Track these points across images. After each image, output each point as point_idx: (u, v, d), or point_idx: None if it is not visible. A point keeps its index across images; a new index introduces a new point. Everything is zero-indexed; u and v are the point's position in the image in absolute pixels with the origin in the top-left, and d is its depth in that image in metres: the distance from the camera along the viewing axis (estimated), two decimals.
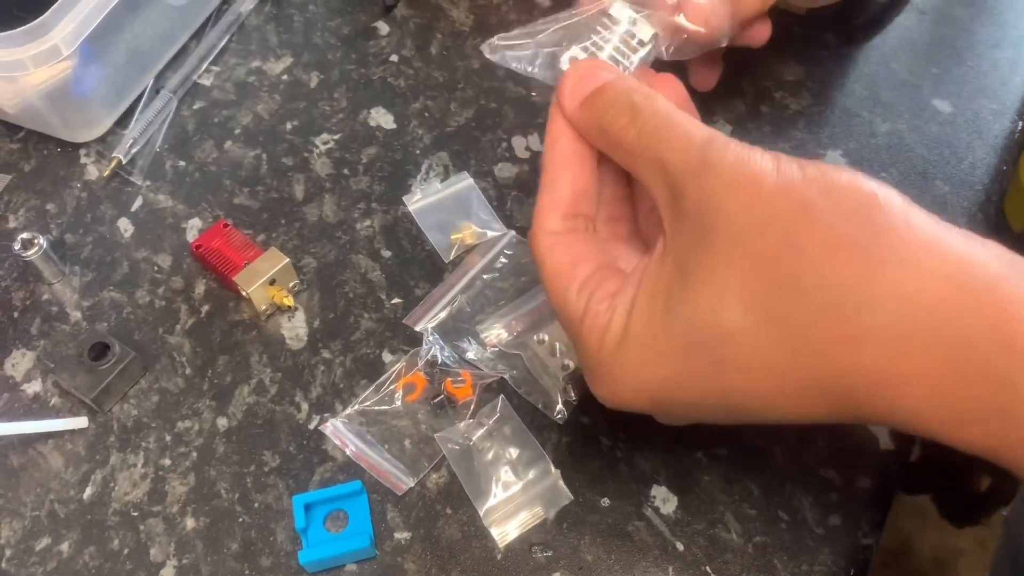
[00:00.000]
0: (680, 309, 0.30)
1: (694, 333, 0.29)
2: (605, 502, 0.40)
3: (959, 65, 0.53)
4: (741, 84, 0.52)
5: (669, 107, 0.33)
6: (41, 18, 0.45)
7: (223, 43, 0.56)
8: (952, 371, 0.26)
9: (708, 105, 0.51)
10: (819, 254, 0.27)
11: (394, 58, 0.55)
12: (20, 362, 0.44)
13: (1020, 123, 0.50)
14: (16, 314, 0.46)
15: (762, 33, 0.44)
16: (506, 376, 0.42)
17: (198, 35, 0.56)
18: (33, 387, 0.44)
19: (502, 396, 0.42)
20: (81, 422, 0.42)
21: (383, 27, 0.56)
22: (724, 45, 0.42)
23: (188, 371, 0.44)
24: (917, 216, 0.28)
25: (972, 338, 0.26)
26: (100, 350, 0.43)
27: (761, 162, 0.29)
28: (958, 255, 0.27)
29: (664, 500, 0.40)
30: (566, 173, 0.35)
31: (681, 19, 0.39)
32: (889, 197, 0.28)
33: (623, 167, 0.34)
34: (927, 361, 0.26)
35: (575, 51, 0.39)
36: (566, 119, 0.35)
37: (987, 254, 0.27)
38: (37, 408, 0.43)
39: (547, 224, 0.35)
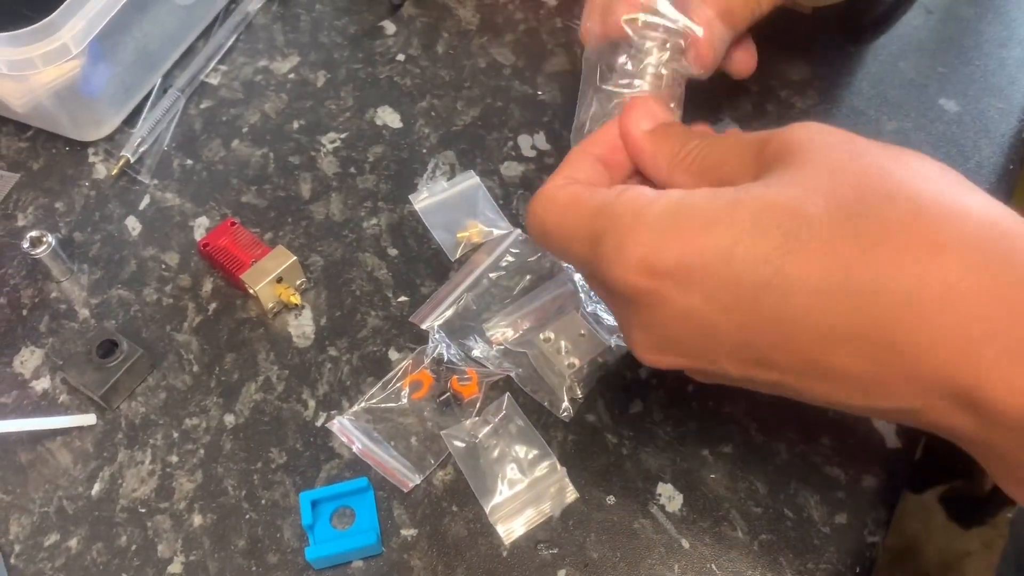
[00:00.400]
0: (756, 192, 0.29)
1: (770, 213, 0.28)
2: (611, 500, 0.40)
3: (966, 64, 0.52)
4: (747, 83, 0.52)
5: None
6: (50, 17, 0.45)
7: (230, 42, 0.56)
8: (1020, 300, 0.26)
9: (714, 103, 0.51)
10: (907, 177, 0.28)
11: (401, 57, 0.55)
12: (29, 359, 0.45)
13: None
14: (25, 312, 0.46)
15: (748, 63, 0.45)
16: (512, 374, 0.42)
17: (206, 34, 0.56)
18: (42, 384, 0.44)
19: (508, 394, 0.42)
20: (89, 419, 0.42)
21: (390, 26, 0.56)
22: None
23: (195, 368, 0.44)
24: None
25: None
26: (108, 347, 0.43)
27: (846, 135, 0.31)
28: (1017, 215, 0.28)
29: (670, 498, 0.40)
30: (587, 161, 0.36)
31: (684, 65, 0.40)
32: (959, 174, 0.30)
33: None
34: (999, 277, 0.26)
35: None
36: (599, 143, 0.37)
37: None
38: (45, 405, 0.43)
39: (555, 182, 0.35)
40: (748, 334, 0.29)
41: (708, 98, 0.50)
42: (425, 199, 0.49)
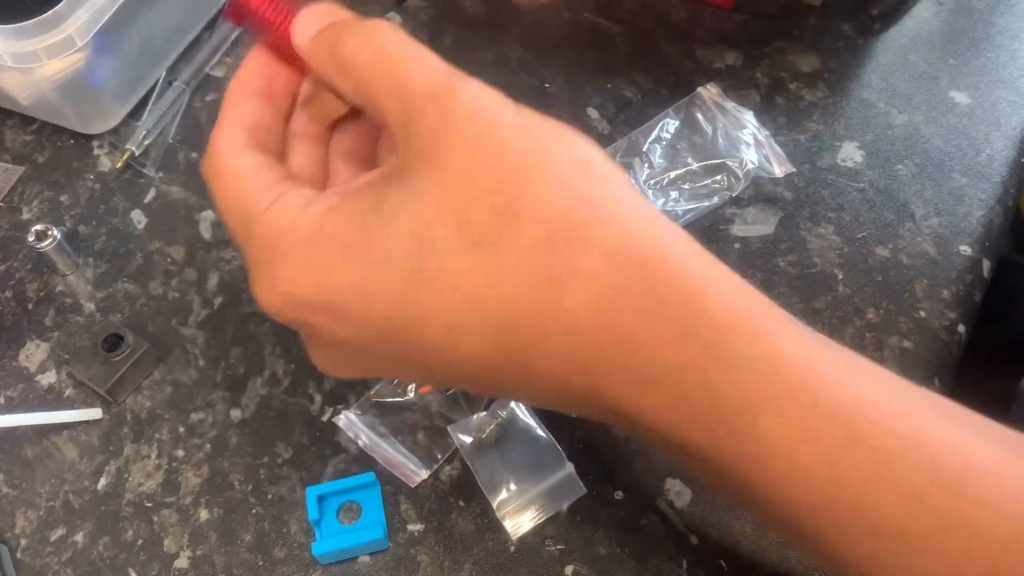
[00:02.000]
0: (391, 215, 0.27)
1: (400, 242, 0.27)
2: (619, 495, 0.39)
3: (977, 56, 0.52)
4: (756, 75, 0.52)
5: (408, 37, 0.30)
6: (54, 9, 0.45)
7: (235, 34, 0.55)
8: (644, 326, 0.26)
9: (725, 96, 0.50)
10: (545, 191, 0.27)
11: None
12: (34, 353, 0.45)
13: None
14: (30, 305, 0.46)
15: None
16: None
17: (210, 26, 0.56)
18: (47, 378, 0.44)
19: None
20: (95, 413, 0.42)
21: (396, 17, 0.56)
22: None
23: (201, 363, 0.44)
24: (630, 184, 0.29)
25: (665, 296, 0.26)
26: (114, 341, 0.43)
27: (501, 99, 0.28)
28: (663, 221, 0.28)
29: (678, 493, 0.39)
30: (249, 105, 0.32)
31: None
32: (608, 163, 0.29)
33: (348, 96, 0.31)
34: (621, 311, 0.26)
35: None
36: (258, 62, 0.33)
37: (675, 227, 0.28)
38: (51, 399, 0.43)
39: (227, 140, 0.31)
40: (405, 358, 0.29)
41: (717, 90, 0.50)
42: None
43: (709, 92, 0.50)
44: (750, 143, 0.48)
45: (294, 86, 0.34)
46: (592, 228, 0.27)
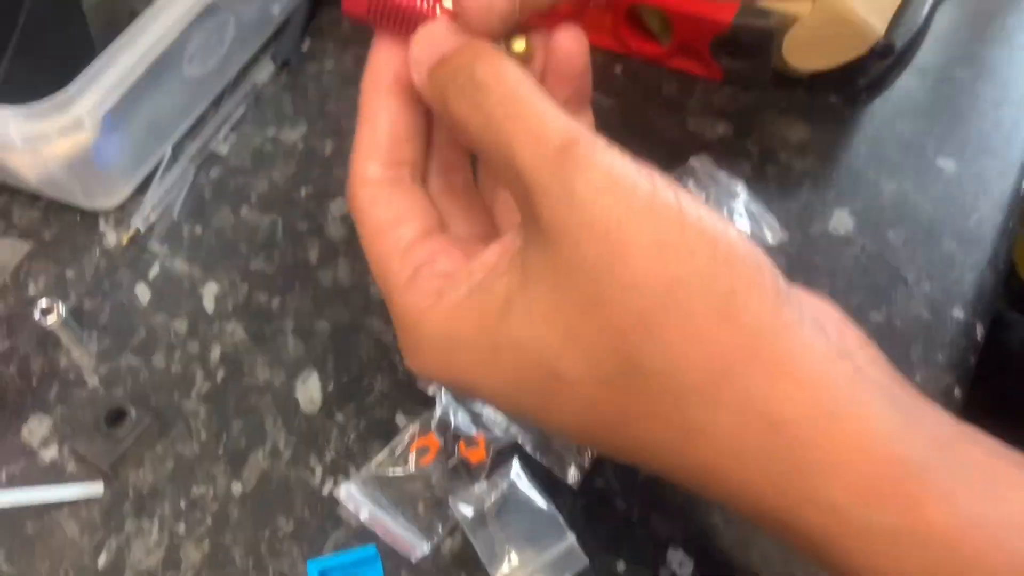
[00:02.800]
0: (519, 335, 0.27)
1: (529, 367, 0.27)
2: (621, 566, 0.39)
3: (962, 125, 0.53)
4: (747, 145, 0.53)
5: (523, 86, 0.27)
6: (66, 91, 0.46)
7: (240, 112, 0.57)
8: (776, 489, 0.25)
9: (716, 165, 0.52)
10: (676, 341, 0.25)
11: None
12: (37, 428, 0.45)
13: None
14: (34, 381, 0.46)
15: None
16: (520, 439, 0.42)
17: (215, 105, 0.57)
18: (50, 453, 0.44)
19: (516, 459, 0.42)
20: (97, 488, 0.42)
21: None
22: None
23: (203, 436, 0.44)
24: (791, 312, 0.25)
25: (802, 462, 0.24)
26: (117, 416, 0.43)
27: (634, 189, 0.25)
28: (807, 374, 0.25)
29: (681, 563, 0.39)
30: (385, 112, 0.31)
31: None
32: (766, 288, 0.25)
33: (474, 152, 0.30)
34: (752, 471, 0.25)
35: None
36: (388, 52, 0.31)
37: (846, 372, 0.25)
38: (53, 475, 0.43)
39: (364, 171, 0.31)
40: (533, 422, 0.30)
41: (708, 162, 0.51)
42: None
43: (701, 163, 0.51)
44: (743, 212, 0.49)
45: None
46: (726, 387, 0.25)
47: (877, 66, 0.55)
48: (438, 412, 0.43)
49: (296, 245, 0.51)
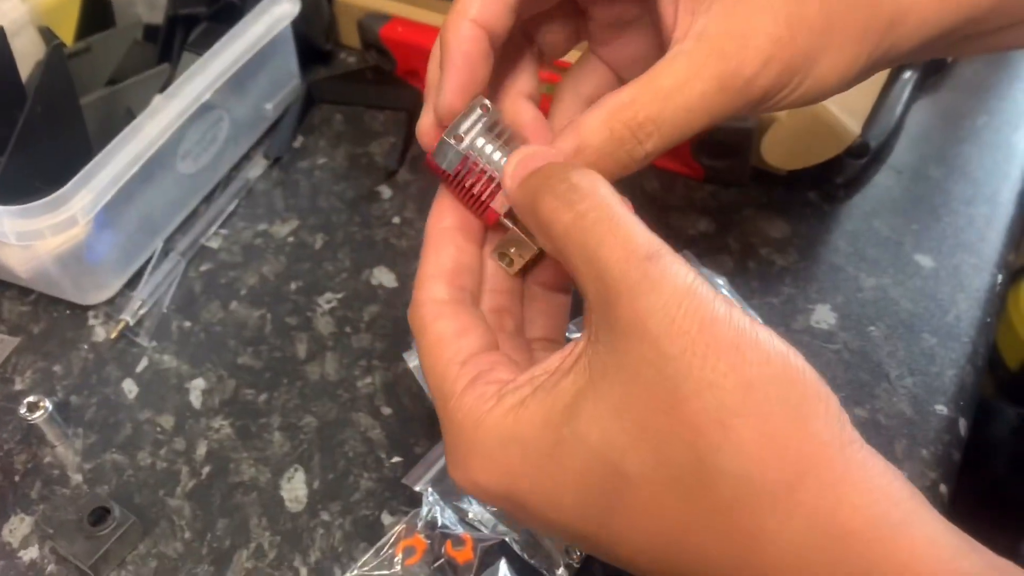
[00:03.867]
0: (584, 433, 0.27)
1: (595, 467, 0.27)
2: None
3: (937, 221, 0.55)
4: (728, 240, 0.54)
5: (614, 200, 0.28)
6: (61, 191, 0.47)
7: (231, 207, 0.58)
8: None
9: (699, 262, 0.53)
10: (749, 442, 0.25)
11: (396, 220, 0.57)
12: (18, 528, 0.44)
13: (1000, 275, 0.52)
14: (17, 478, 0.46)
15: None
16: (507, 538, 0.42)
17: (208, 200, 0.58)
18: (30, 554, 0.43)
19: (503, 559, 0.41)
20: None
21: (386, 191, 0.59)
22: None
23: (187, 535, 0.44)
24: (851, 430, 0.26)
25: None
26: (100, 515, 0.43)
27: (706, 303, 0.26)
28: (876, 485, 0.25)
29: None
30: (451, 243, 0.34)
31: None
32: (832, 406, 0.26)
33: (549, 252, 0.31)
34: None
35: None
36: (452, 197, 0.34)
37: (906, 488, 0.26)
38: None
39: (431, 291, 0.33)
40: (584, 546, 0.30)
41: (690, 257, 0.52)
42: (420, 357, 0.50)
43: (684, 258, 0.52)
44: None
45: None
46: (796, 494, 0.25)
47: (853, 165, 0.56)
48: (424, 511, 0.43)
49: (284, 340, 0.51)
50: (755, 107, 0.33)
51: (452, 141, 0.32)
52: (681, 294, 0.26)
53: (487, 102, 0.33)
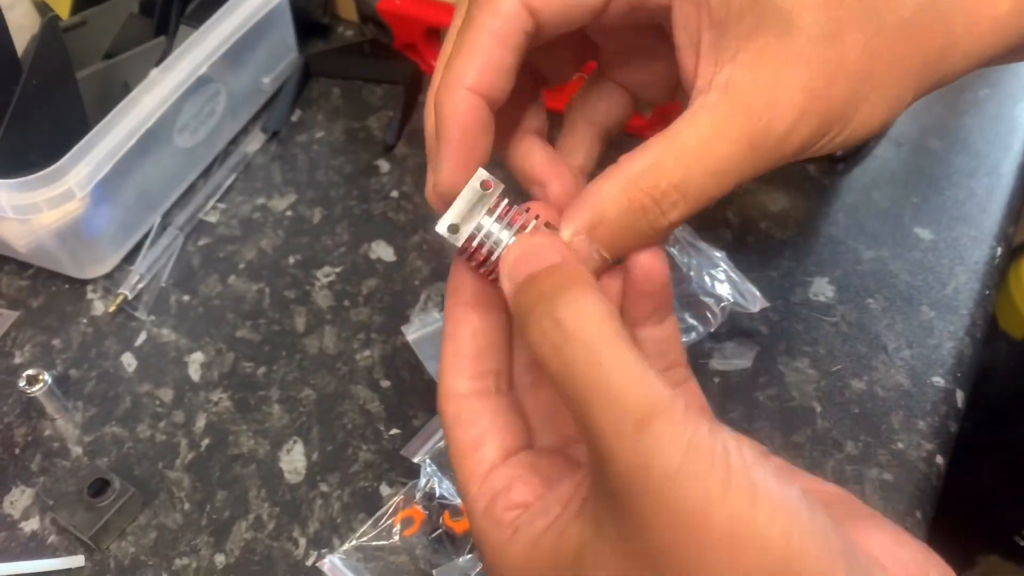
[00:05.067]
0: (591, 561, 0.27)
1: None
2: None
3: (938, 194, 0.55)
4: (727, 215, 0.54)
5: (606, 335, 0.26)
6: (57, 164, 0.47)
7: (229, 181, 0.58)
8: None
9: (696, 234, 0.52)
10: None
11: (394, 194, 0.57)
12: (19, 499, 0.45)
13: (999, 248, 0.52)
14: (17, 451, 0.46)
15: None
16: None
17: (205, 174, 0.58)
18: (31, 525, 0.44)
19: None
20: (77, 561, 0.42)
21: (384, 165, 0.59)
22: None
23: (187, 506, 0.44)
24: None
25: None
26: (100, 486, 0.43)
27: (708, 478, 0.24)
28: None
29: None
30: (467, 326, 0.32)
31: None
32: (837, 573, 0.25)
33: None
34: None
35: None
36: (466, 266, 0.32)
37: None
38: (34, 546, 0.43)
39: (452, 385, 0.32)
40: None
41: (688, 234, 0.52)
42: (418, 331, 0.50)
43: (683, 232, 0.52)
44: (723, 280, 0.50)
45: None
46: None
47: None
48: (423, 482, 0.43)
49: (283, 313, 0.51)
50: (790, 160, 0.30)
51: (454, 222, 0.31)
52: (672, 475, 0.24)
53: (488, 177, 0.31)
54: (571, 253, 0.29)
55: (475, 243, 0.31)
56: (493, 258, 0.31)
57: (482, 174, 0.31)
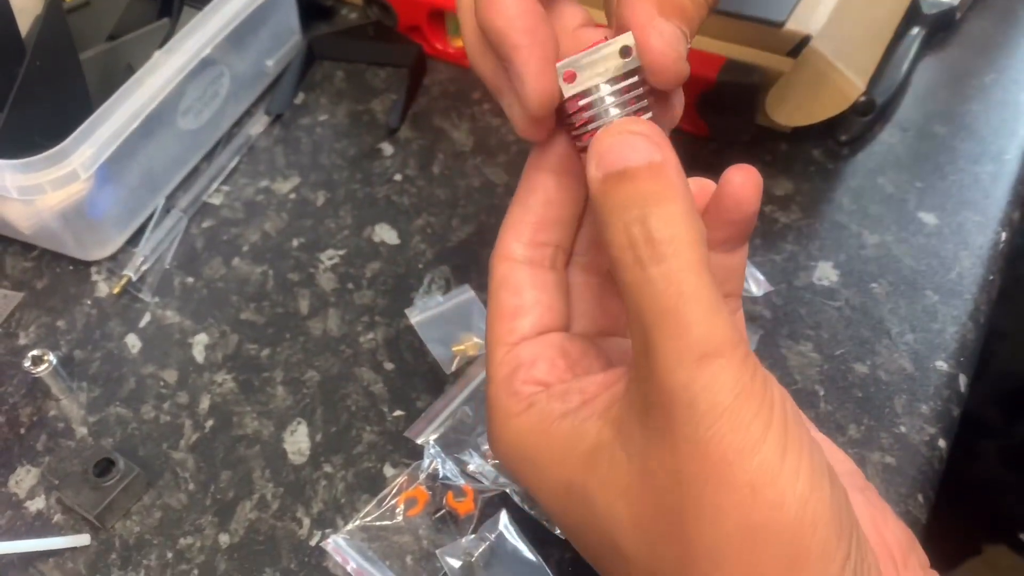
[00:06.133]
0: (591, 492, 0.27)
1: (593, 524, 0.28)
2: None
3: (942, 179, 0.55)
4: None
5: (694, 264, 0.25)
6: (61, 145, 0.47)
7: (233, 164, 0.58)
8: None
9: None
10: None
11: (398, 177, 0.57)
12: (24, 479, 0.45)
13: (1004, 233, 0.52)
14: (23, 430, 0.46)
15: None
16: (508, 489, 0.42)
17: (209, 157, 0.58)
18: (36, 504, 0.44)
19: (504, 510, 0.42)
20: (83, 539, 0.42)
21: (387, 148, 0.59)
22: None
23: (191, 487, 0.44)
24: None
25: None
26: (105, 466, 0.43)
27: (747, 428, 0.25)
28: None
29: None
30: (541, 192, 0.31)
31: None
32: (835, 567, 0.25)
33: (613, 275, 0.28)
34: None
35: None
36: (562, 132, 0.30)
37: None
38: (39, 526, 0.43)
39: (507, 247, 0.31)
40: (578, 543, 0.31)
41: None
42: (421, 313, 0.50)
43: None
44: None
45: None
46: None
47: (859, 122, 0.56)
48: (426, 463, 0.43)
49: (287, 296, 0.51)
50: None
51: (570, 70, 0.28)
52: (718, 414, 0.24)
53: (632, 44, 0.28)
54: (675, 157, 0.27)
55: (582, 102, 0.29)
56: (591, 127, 0.29)
57: (629, 38, 0.28)
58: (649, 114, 0.30)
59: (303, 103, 0.62)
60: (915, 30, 0.61)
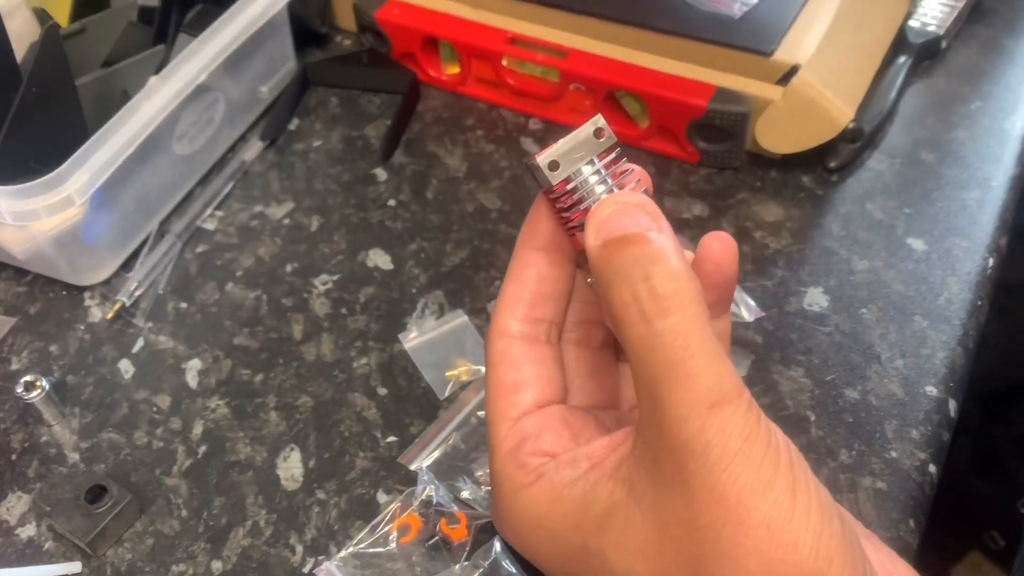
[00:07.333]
0: (608, 554, 0.28)
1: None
2: None
3: (930, 205, 0.55)
4: (722, 224, 0.55)
5: (696, 323, 0.26)
6: (56, 171, 0.47)
7: (227, 189, 0.58)
8: None
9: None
10: None
11: (392, 202, 0.57)
12: (15, 505, 0.45)
13: (991, 259, 0.53)
14: (14, 456, 0.46)
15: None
16: None
17: (203, 182, 0.58)
18: (27, 531, 0.44)
19: (497, 537, 0.42)
20: (74, 567, 0.42)
21: (381, 173, 0.59)
22: None
23: (184, 513, 0.44)
24: None
25: None
26: (97, 493, 0.43)
27: (758, 466, 0.25)
28: None
29: None
30: (533, 269, 0.32)
31: None
32: None
33: (615, 334, 0.29)
34: None
35: None
36: (550, 213, 0.32)
37: None
38: (30, 553, 0.43)
39: (504, 323, 0.32)
40: None
41: (684, 241, 0.53)
42: (415, 338, 0.50)
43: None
44: None
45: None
46: None
47: (847, 149, 0.57)
48: (420, 489, 0.43)
49: (280, 321, 0.52)
50: None
51: (556, 159, 0.30)
52: (730, 457, 0.25)
53: (604, 126, 0.30)
54: (667, 222, 0.29)
55: (569, 187, 0.30)
56: (581, 207, 0.30)
57: (599, 121, 0.30)
58: (633, 184, 0.31)
59: (297, 129, 0.62)
60: (902, 58, 0.62)
